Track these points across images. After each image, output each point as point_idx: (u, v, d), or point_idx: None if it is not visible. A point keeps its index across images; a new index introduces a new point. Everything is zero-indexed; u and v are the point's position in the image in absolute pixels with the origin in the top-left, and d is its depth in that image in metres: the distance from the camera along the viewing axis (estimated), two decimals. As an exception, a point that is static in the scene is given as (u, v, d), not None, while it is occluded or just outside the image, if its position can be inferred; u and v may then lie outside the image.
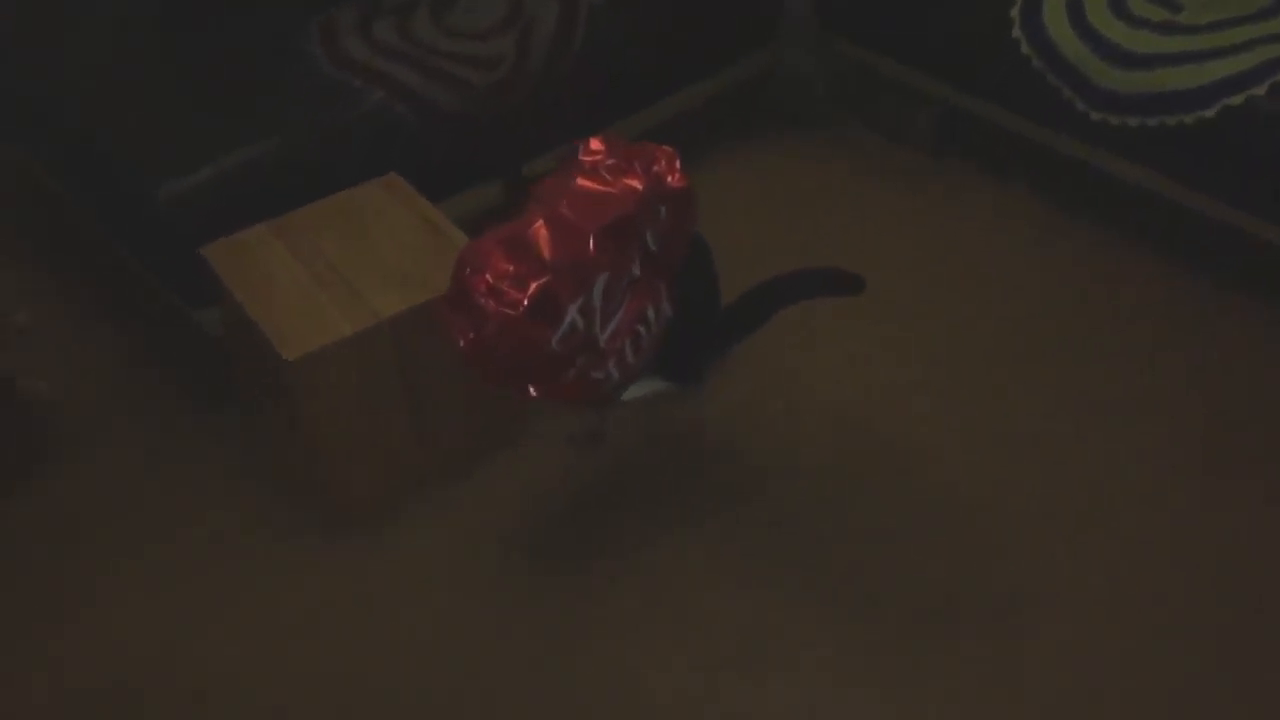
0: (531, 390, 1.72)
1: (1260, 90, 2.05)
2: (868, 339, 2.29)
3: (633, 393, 2.15)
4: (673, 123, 2.54)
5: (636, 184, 1.69)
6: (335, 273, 1.89)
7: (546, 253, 1.62)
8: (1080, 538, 1.92)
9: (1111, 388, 2.17)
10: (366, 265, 1.90)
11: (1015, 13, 2.32)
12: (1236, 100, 2.06)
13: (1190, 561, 1.88)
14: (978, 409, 2.15)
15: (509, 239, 1.64)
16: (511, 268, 1.62)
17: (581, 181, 1.68)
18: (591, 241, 1.64)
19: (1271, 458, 2.02)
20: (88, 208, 2.29)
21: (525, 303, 1.60)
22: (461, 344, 1.66)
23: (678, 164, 1.73)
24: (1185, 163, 2.21)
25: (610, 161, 1.71)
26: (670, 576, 1.90)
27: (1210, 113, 2.09)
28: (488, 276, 1.62)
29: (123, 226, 2.17)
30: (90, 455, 2.14)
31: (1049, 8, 2.30)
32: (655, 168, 1.72)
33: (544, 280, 1.62)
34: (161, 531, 2.00)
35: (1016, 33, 2.31)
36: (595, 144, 1.74)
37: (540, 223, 1.64)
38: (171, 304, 2.14)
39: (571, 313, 1.65)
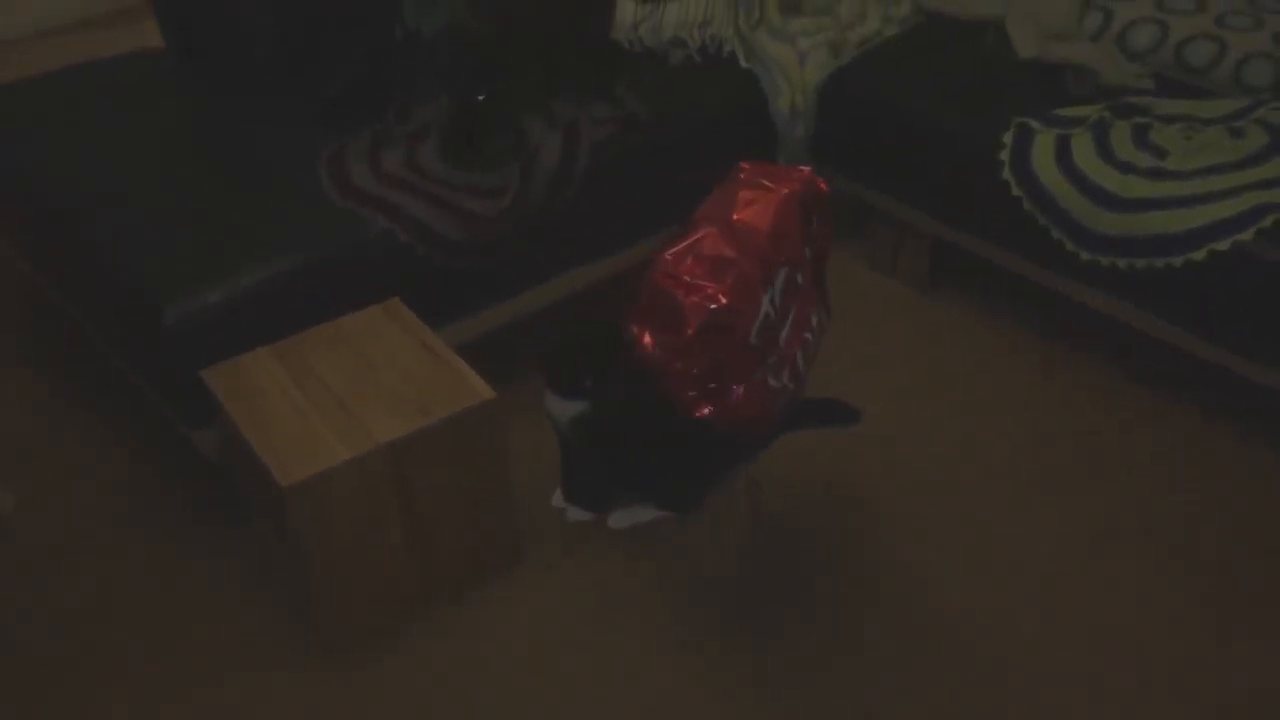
0: (706, 406, 1.82)
1: (1247, 236, 2.10)
2: (867, 467, 2.29)
3: (627, 520, 2.16)
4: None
5: (794, 186, 1.89)
6: (334, 397, 1.90)
7: (730, 251, 1.78)
8: (1088, 667, 1.91)
9: (1113, 518, 2.18)
10: (365, 390, 1.91)
11: (1005, 156, 2.39)
12: (1223, 245, 2.11)
13: (1198, 691, 1.87)
14: (981, 537, 2.15)
15: (691, 248, 1.80)
16: (703, 268, 1.77)
17: (744, 193, 1.87)
18: (766, 237, 1.82)
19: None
20: (92, 325, 2.31)
21: (726, 290, 1.75)
22: (655, 350, 1.79)
23: (816, 175, 1.96)
24: (1174, 304, 2.26)
25: (761, 176, 1.90)
26: (671, 702, 1.87)
27: (1198, 256, 2.14)
28: (685, 277, 1.77)
29: (126, 346, 2.19)
30: (83, 572, 2.11)
31: (1038, 152, 2.36)
32: (800, 175, 1.91)
33: (738, 270, 1.77)
34: (153, 650, 1.97)
35: (1006, 175, 2.38)
36: (745, 165, 1.94)
37: (713, 229, 1.80)
38: (170, 423, 2.15)
39: (765, 302, 1.79)
